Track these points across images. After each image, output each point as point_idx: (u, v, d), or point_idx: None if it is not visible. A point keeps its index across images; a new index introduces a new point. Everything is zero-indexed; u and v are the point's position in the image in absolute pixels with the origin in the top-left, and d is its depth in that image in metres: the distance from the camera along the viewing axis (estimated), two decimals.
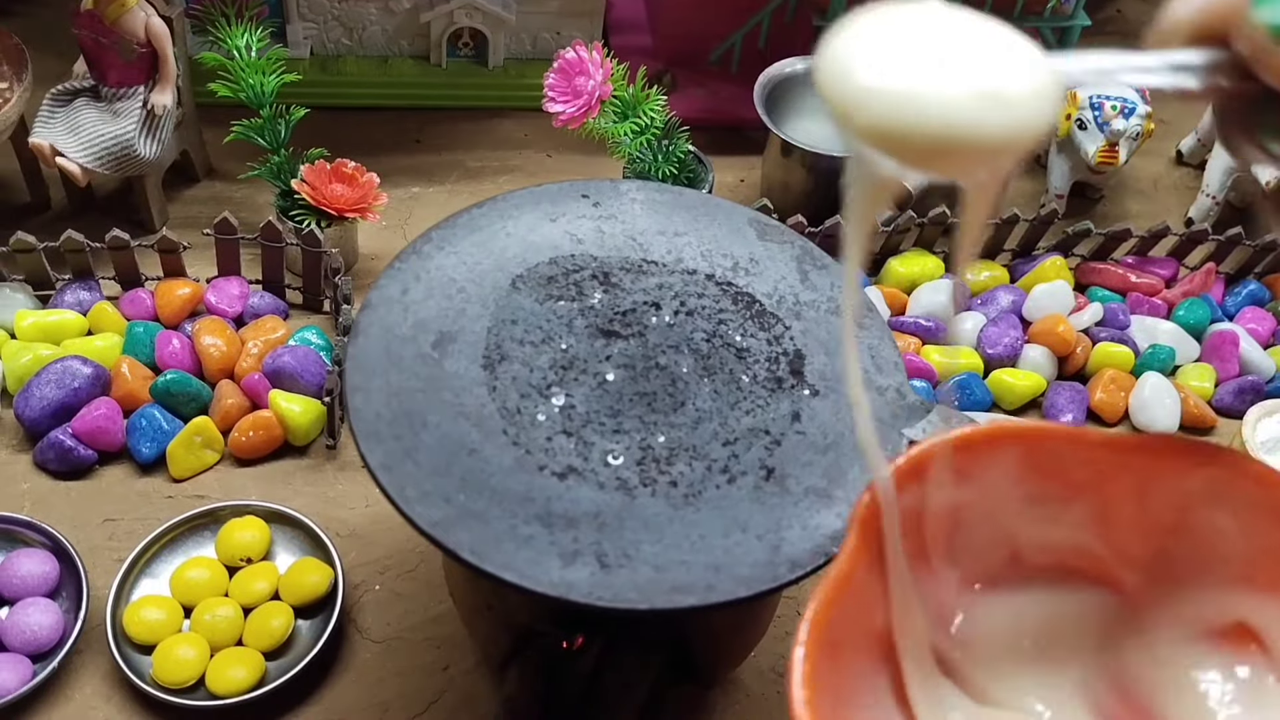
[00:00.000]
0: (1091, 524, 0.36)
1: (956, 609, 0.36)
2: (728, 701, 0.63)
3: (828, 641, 0.30)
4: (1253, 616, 0.34)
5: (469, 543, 0.41)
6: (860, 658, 0.32)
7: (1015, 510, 0.36)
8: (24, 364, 0.69)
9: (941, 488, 0.34)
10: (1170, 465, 0.34)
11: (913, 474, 0.34)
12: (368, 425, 0.44)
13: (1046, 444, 0.34)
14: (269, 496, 0.67)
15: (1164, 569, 0.35)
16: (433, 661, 0.63)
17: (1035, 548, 0.36)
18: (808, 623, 0.30)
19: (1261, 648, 0.34)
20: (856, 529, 0.32)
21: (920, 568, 0.35)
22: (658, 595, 0.40)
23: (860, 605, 0.32)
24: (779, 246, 0.54)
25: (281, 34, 0.89)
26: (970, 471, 0.35)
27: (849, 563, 0.32)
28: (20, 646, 0.59)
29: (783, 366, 0.49)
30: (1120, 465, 0.34)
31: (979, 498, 0.35)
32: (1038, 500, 0.35)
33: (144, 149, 0.77)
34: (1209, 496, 0.34)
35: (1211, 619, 0.35)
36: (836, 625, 0.30)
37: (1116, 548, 0.36)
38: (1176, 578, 0.35)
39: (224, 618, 0.61)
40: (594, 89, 0.73)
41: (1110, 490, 0.35)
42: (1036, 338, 0.80)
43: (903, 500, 0.33)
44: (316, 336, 0.74)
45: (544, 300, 0.50)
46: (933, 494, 0.34)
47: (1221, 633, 0.35)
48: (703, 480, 0.45)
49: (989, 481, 0.35)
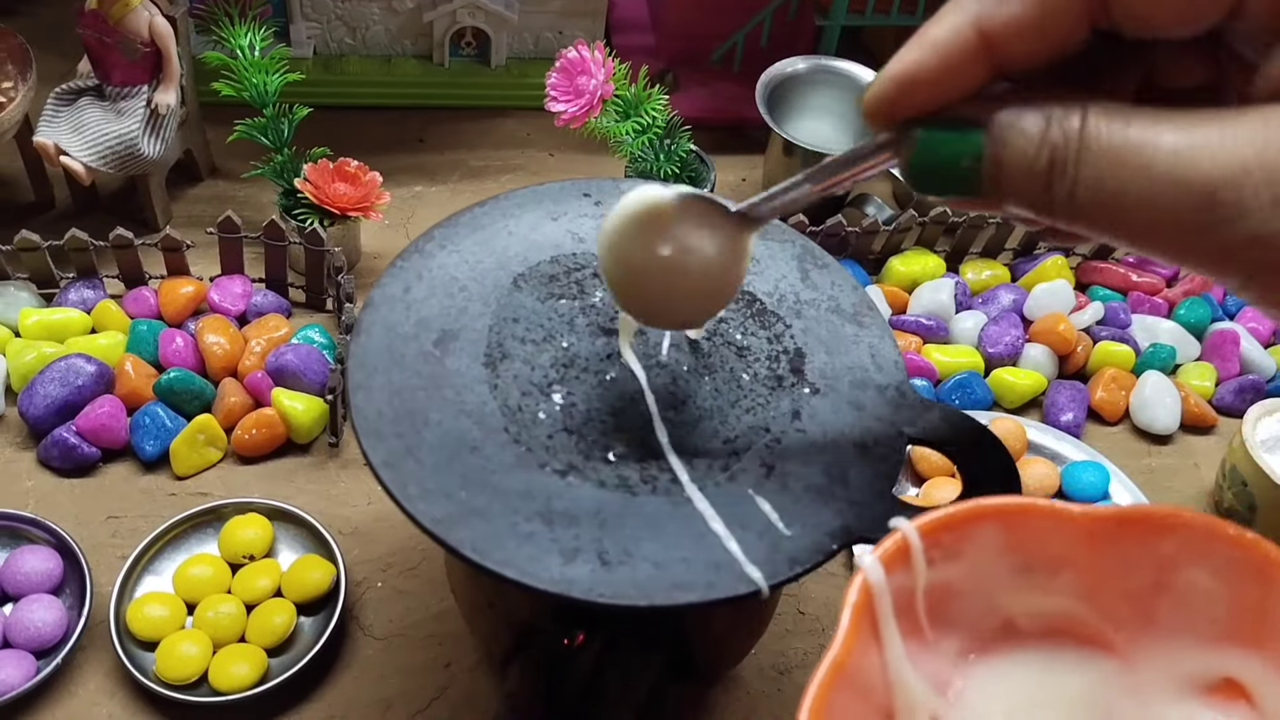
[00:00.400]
0: (1079, 591, 0.37)
1: (954, 677, 0.37)
2: (728, 699, 0.63)
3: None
4: (1240, 673, 0.35)
5: (470, 540, 0.41)
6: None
7: (1004, 582, 0.37)
8: (28, 362, 0.70)
9: (931, 566, 0.35)
10: (1143, 533, 0.35)
11: (899, 557, 0.35)
12: (370, 423, 0.44)
13: (1025, 520, 0.36)
14: (272, 494, 0.68)
15: (1151, 629, 0.36)
16: (435, 658, 0.63)
17: (1026, 615, 0.38)
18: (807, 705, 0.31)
19: (1249, 703, 0.35)
20: (851, 615, 0.33)
21: (915, 642, 0.36)
22: (658, 592, 0.41)
23: (859, 686, 0.33)
24: (780, 245, 0.55)
25: (285, 33, 0.90)
26: (956, 549, 0.36)
27: (845, 650, 0.32)
28: (24, 643, 0.59)
29: (783, 365, 0.50)
30: (1097, 536, 0.35)
31: (968, 572, 0.36)
32: (1024, 570, 0.36)
33: (148, 148, 0.78)
34: (1188, 558, 0.35)
35: (1201, 675, 0.36)
36: (835, 710, 0.31)
37: (1104, 611, 0.37)
38: (1164, 637, 0.36)
39: (227, 614, 0.61)
40: (596, 88, 0.73)
41: (1094, 558, 0.36)
42: (1037, 336, 0.81)
43: (893, 581, 0.34)
44: (319, 335, 0.74)
45: (545, 298, 0.51)
46: (921, 573, 0.35)
47: (1212, 689, 0.36)
48: (703, 478, 0.45)
49: (976, 557, 0.36)
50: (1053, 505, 0.35)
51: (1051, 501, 0.35)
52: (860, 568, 0.34)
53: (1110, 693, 0.37)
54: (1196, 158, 0.28)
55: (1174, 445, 0.80)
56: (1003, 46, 0.30)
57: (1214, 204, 0.27)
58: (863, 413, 0.48)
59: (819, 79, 0.88)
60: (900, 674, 0.35)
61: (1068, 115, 0.29)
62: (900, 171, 0.33)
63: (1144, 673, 0.36)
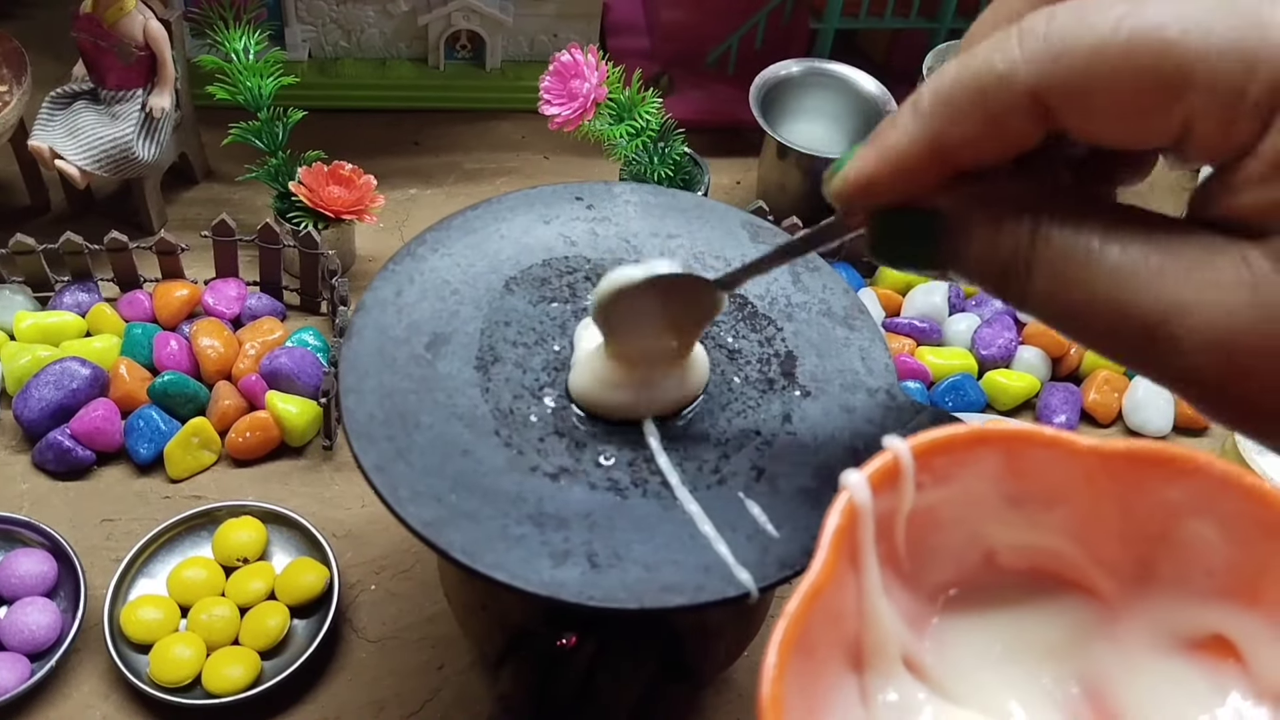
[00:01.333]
0: (1071, 529, 0.35)
1: (929, 614, 0.36)
2: (720, 700, 0.63)
3: (800, 652, 0.30)
4: (1232, 630, 0.34)
5: (461, 543, 0.41)
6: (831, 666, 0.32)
7: (993, 512, 0.35)
8: (23, 365, 0.70)
9: (919, 490, 0.34)
10: (1156, 473, 0.34)
11: (888, 479, 0.33)
12: (361, 426, 0.44)
13: (1030, 449, 0.34)
14: (265, 497, 0.68)
15: (1144, 577, 0.35)
16: (428, 661, 0.63)
17: (1011, 550, 0.36)
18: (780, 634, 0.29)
19: (1239, 661, 0.34)
20: (833, 539, 0.32)
21: (891, 572, 0.34)
22: (648, 595, 0.41)
23: (833, 615, 0.32)
24: (771, 249, 0.55)
25: (280, 37, 0.90)
26: (949, 474, 0.34)
27: (824, 575, 0.31)
28: (18, 645, 0.60)
29: (774, 368, 0.50)
30: (1105, 472, 0.34)
31: (955, 499, 0.35)
32: (1017, 503, 0.35)
33: (142, 151, 0.78)
34: (1195, 507, 0.34)
35: (1190, 630, 0.35)
36: (808, 636, 0.30)
37: (1096, 554, 0.35)
38: (1156, 587, 0.35)
39: (220, 617, 0.61)
40: (589, 92, 0.73)
41: (1093, 497, 0.34)
42: (1031, 339, 0.81)
43: (878, 504, 0.33)
44: (313, 338, 0.75)
45: (537, 302, 0.51)
46: (909, 497, 0.34)
47: (1199, 644, 0.35)
48: (693, 481, 0.45)
49: (967, 484, 0.34)
50: (1060, 435, 0.34)
51: (1059, 431, 0.34)
52: (845, 487, 0.33)
53: (1091, 640, 0.35)
54: (1136, 285, 0.28)
55: None
56: (957, 156, 0.30)
57: (1153, 337, 0.28)
58: (853, 416, 0.48)
59: (813, 82, 0.88)
60: (874, 605, 0.33)
61: (1019, 224, 0.30)
62: (865, 246, 0.34)
63: (1129, 622, 0.35)
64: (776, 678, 0.28)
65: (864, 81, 0.87)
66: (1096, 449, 0.33)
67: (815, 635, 0.30)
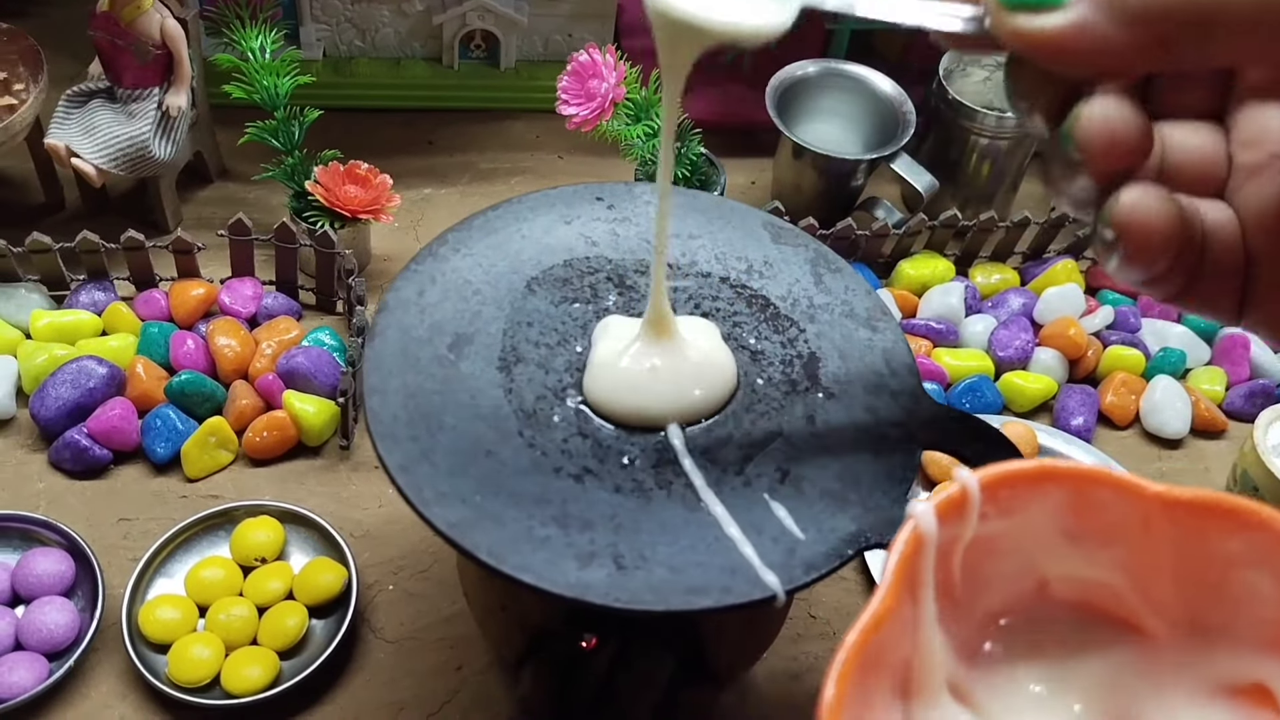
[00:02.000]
0: (1126, 569, 0.35)
1: (977, 640, 0.36)
2: (740, 703, 0.63)
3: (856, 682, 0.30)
4: (1274, 681, 0.34)
5: (486, 544, 0.41)
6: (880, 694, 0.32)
7: (1050, 546, 0.35)
8: (39, 364, 0.70)
9: (981, 520, 0.34)
10: (1219, 523, 0.33)
11: (954, 510, 0.33)
12: (385, 427, 0.44)
13: (1096, 488, 0.34)
14: (283, 497, 0.68)
15: (1192, 621, 0.35)
16: (446, 661, 0.63)
17: (1064, 581, 0.36)
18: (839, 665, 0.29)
19: (1277, 712, 0.34)
20: (897, 568, 0.32)
21: (943, 599, 0.34)
22: (674, 596, 0.41)
23: (888, 643, 0.32)
24: (793, 249, 0.55)
25: (295, 36, 0.90)
26: (1012, 507, 0.34)
27: (886, 605, 0.31)
28: (37, 645, 0.59)
29: (797, 369, 0.50)
30: (1166, 517, 0.34)
31: (1015, 531, 0.35)
32: (1075, 539, 0.35)
33: (159, 150, 0.78)
34: (1253, 559, 0.33)
35: (1231, 677, 0.35)
36: (864, 665, 0.30)
37: (1147, 593, 0.35)
38: (1204, 633, 0.35)
39: (239, 617, 0.61)
40: (607, 91, 0.73)
41: (1150, 539, 0.34)
42: (1047, 340, 0.81)
43: (941, 535, 0.33)
44: (330, 337, 0.74)
45: (559, 302, 0.51)
46: (971, 527, 0.34)
47: (1238, 691, 0.35)
48: (718, 483, 0.45)
49: (1029, 517, 0.34)
50: (1127, 478, 0.34)
51: (1126, 474, 0.34)
52: (912, 516, 0.32)
53: (1132, 679, 0.36)
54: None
55: (1184, 450, 0.79)
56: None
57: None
58: (877, 417, 0.48)
59: (829, 82, 0.88)
60: (927, 634, 0.33)
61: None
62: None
63: (1172, 664, 0.35)
64: (834, 709, 0.29)
65: (880, 82, 0.87)
66: (1162, 495, 0.33)
67: (870, 664, 0.30)
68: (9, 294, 0.74)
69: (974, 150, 0.87)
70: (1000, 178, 0.89)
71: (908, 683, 0.34)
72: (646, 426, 0.46)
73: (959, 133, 0.86)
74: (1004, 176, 0.89)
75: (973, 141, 0.86)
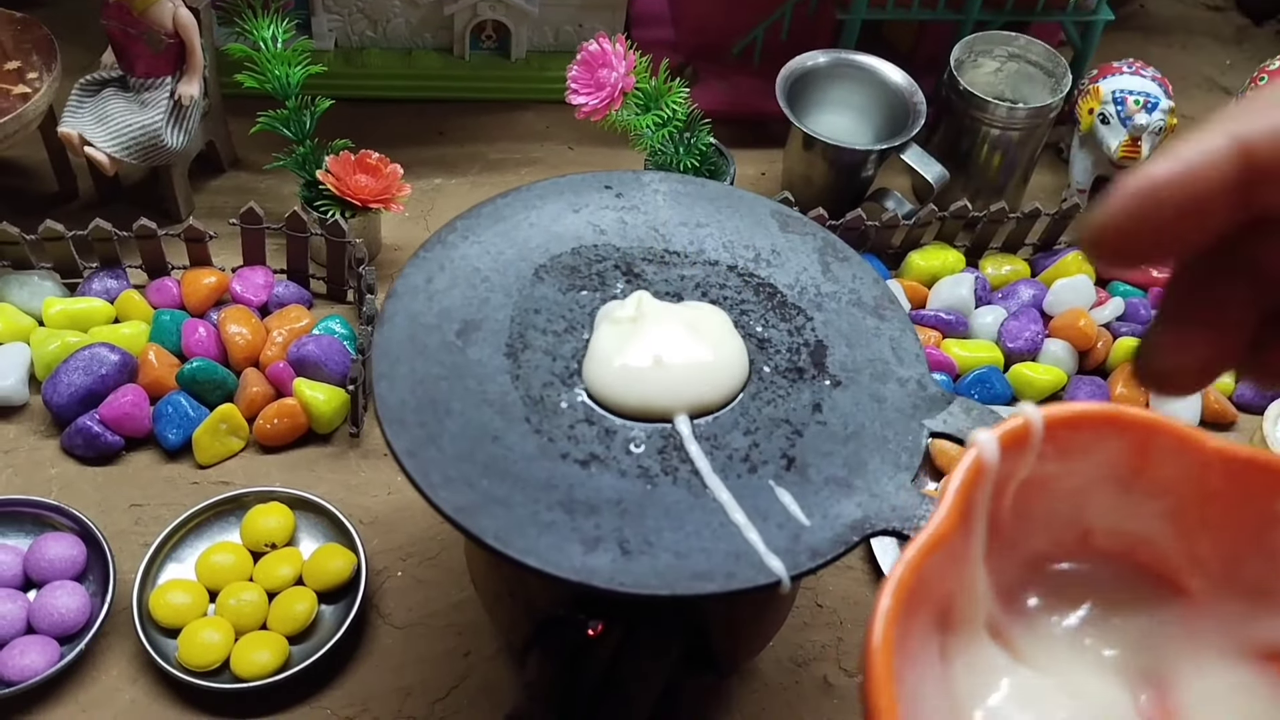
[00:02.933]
0: (1174, 523, 0.35)
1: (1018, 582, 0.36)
2: (745, 690, 0.63)
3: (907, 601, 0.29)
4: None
5: (493, 529, 0.41)
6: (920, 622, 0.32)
7: (1101, 493, 0.35)
8: (52, 351, 0.70)
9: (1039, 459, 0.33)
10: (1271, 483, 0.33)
11: (1016, 443, 0.33)
12: (393, 412, 0.45)
13: (1157, 438, 0.34)
14: (293, 483, 0.68)
15: (1233, 582, 0.35)
16: (454, 647, 0.63)
17: (1108, 534, 0.36)
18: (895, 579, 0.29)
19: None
20: (959, 491, 0.31)
21: (991, 536, 0.34)
22: (679, 582, 0.41)
23: (937, 570, 0.31)
24: (801, 238, 0.55)
25: (306, 26, 0.90)
26: (1071, 449, 0.34)
27: (946, 525, 0.31)
28: (48, 629, 0.60)
29: (804, 357, 0.50)
30: (1222, 473, 0.33)
31: (1070, 474, 0.34)
32: (1127, 488, 0.35)
33: (171, 139, 0.78)
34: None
35: (1264, 640, 0.34)
36: (916, 587, 0.30)
37: (1191, 552, 0.35)
38: (1242, 594, 0.35)
39: (248, 602, 0.62)
40: (617, 81, 0.73)
41: (1201, 494, 0.34)
42: (1057, 332, 0.80)
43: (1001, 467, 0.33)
44: (340, 326, 0.75)
45: (567, 290, 0.51)
46: (1029, 464, 0.34)
47: (1271, 656, 0.34)
48: (724, 469, 0.45)
49: (1086, 461, 0.34)
50: (1187, 429, 0.33)
51: (1187, 425, 0.33)
52: (975, 443, 0.32)
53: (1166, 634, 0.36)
54: None
55: None
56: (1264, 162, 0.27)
57: None
58: (883, 405, 0.48)
59: (839, 73, 0.88)
60: (974, 567, 0.33)
61: None
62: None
63: (1207, 624, 0.35)
64: (890, 621, 0.28)
65: (891, 72, 0.87)
66: (1222, 450, 0.33)
67: (919, 586, 0.30)
68: (22, 281, 0.74)
69: (985, 141, 0.86)
70: (1011, 169, 0.88)
71: (948, 616, 0.33)
72: (653, 419, 0.46)
73: (970, 124, 0.86)
74: (1015, 168, 0.88)
75: (984, 132, 0.86)
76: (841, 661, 0.64)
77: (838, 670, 0.64)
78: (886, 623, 0.29)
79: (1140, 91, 0.85)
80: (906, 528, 0.44)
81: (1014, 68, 0.90)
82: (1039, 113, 0.84)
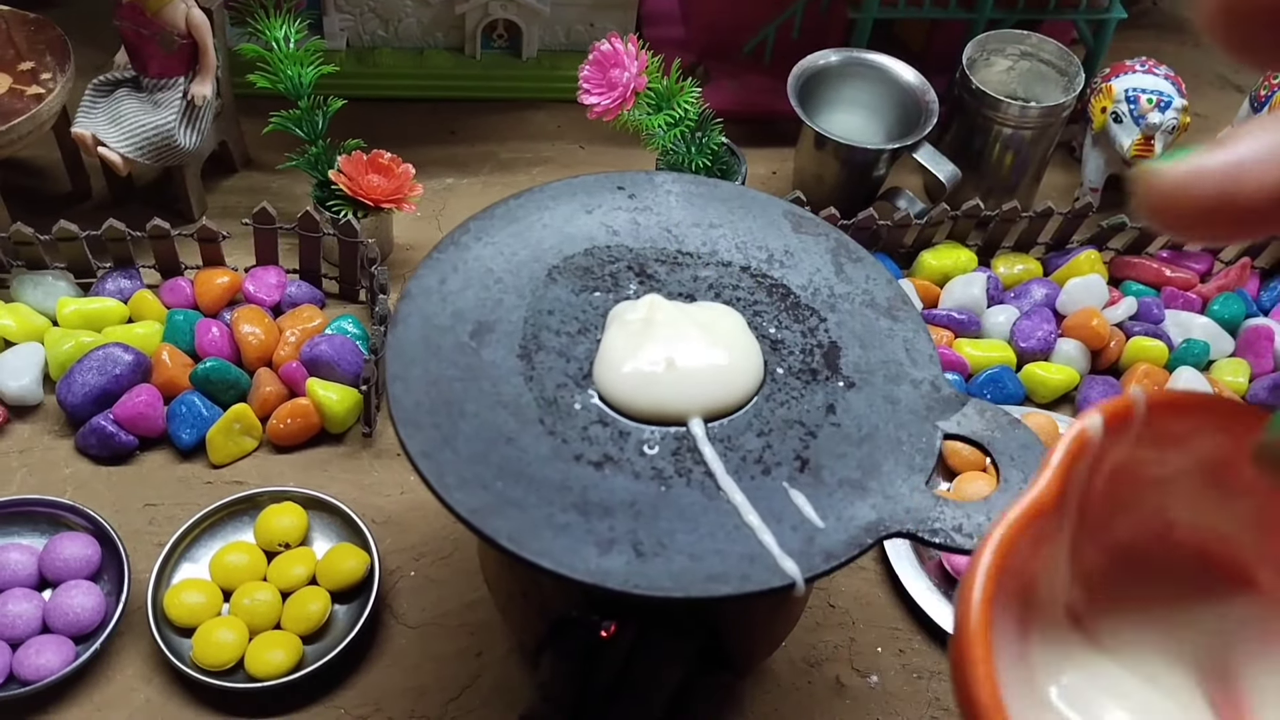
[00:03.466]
0: (1256, 522, 0.34)
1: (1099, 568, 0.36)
2: (758, 691, 0.63)
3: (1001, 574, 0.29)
4: None
5: (507, 530, 0.41)
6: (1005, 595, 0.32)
7: (1189, 486, 0.34)
8: (66, 351, 0.71)
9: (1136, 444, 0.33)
10: None
11: (1119, 422, 0.32)
12: (407, 413, 0.45)
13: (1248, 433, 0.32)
14: (306, 483, 0.68)
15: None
16: (467, 647, 0.63)
17: (1188, 528, 0.35)
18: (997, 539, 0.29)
19: None
20: (1061, 461, 0.31)
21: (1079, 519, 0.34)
22: (693, 584, 0.41)
23: (1029, 543, 0.31)
24: (814, 239, 0.55)
25: (319, 26, 0.90)
26: (1168, 436, 0.33)
27: (1046, 494, 0.30)
28: (63, 628, 0.60)
29: (817, 358, 0.50)
30: None
31: (1161, 464, 0.34)
32: (1216, 483, 0.34)
33: (184, 139, 0.78)
34: None
35: None
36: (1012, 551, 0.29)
37: (1267, 551, 0.35)
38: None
39: (263, 602, 0.62)
40: (629, 81, 0.73)
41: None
42: (1070, 331, 0.80)
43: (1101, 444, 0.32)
44: (353, 325, 0.75)
45: (580, 291, 0.51)
46: (1124, 448, 0.33)
47: None
48: (738, 471, 0.45)
49: (1180, 452, 0.34)
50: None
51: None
52: (1082, 420, 0.32)
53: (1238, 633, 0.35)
54: None
55: None
56: None
57: None
58: (897, 407, 0.48)
59: (851, 72, 0.88)
60: (1060, 549, 0.33)
61: None
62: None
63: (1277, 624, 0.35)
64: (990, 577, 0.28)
65: (903, 71, 0.87)
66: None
67: (1014, 554, 0.30)
68: (36, 281, 0.75)
69: (997, 140, 0.86)
70: (1023, 168, 0.88)
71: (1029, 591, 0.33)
72: (667, 423, 0.46)
73: (982, 122, 0.86)
74: (1027, 167, 0.88)
75: (996, 131, 0.86)
76: (854, 662, 0.64)
77: (850, 671, 0.64)
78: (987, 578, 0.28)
79: (1153, 90, 0.84)
80: (920, 530, 0.44)
81: (1026, 66, 0.90)
82: (1051, 111, 0.84)
